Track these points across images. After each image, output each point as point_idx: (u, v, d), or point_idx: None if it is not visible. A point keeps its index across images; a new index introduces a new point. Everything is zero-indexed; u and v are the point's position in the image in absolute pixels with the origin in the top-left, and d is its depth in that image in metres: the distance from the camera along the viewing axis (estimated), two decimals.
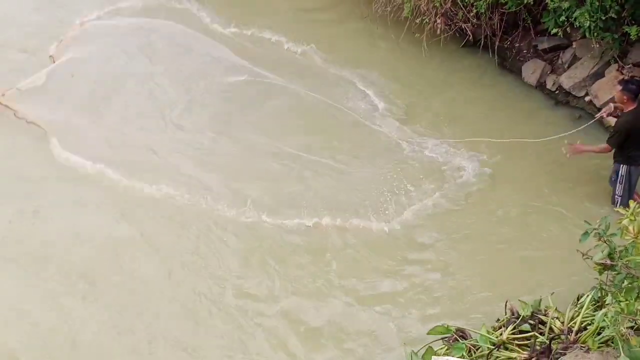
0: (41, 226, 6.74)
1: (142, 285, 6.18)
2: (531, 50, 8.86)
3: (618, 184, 6.72)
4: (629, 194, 6.66)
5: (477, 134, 7.71)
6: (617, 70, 7.93)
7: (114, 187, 7.14)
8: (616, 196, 6.74)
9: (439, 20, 8.79)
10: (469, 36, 8.89)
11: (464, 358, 5.02)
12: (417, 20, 8.84)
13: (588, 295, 5.26)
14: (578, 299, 5.46)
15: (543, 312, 5.34)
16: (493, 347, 5.02)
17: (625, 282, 4.04)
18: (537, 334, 5.06)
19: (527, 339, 5.08)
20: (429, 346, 5.18)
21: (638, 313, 3.93)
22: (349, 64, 9.09)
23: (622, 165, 6.65)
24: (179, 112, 8.17)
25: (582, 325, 4.99)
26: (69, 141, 7.64)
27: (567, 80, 8.31)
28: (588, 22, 7.50)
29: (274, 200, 7.02)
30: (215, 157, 7.59)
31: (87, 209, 6.95)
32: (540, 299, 5.47)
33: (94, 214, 6.90)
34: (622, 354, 3.96)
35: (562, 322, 5.09)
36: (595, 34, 7.65)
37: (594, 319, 4.83)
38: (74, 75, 8.59)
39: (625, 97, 6.49)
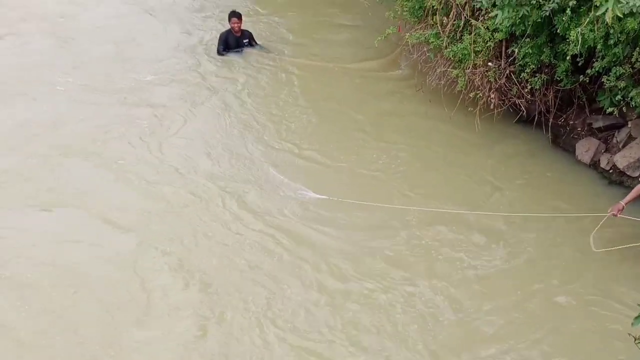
0: None
1: None
2: (585, 128, 8.82)
3: None
4: None
5: (526, 211, 7.73)
6: None
7: None
8: None
9: (492, 95, 8.83)
10: (523, 112, 8.89)
11: None
12: (471, 95, 8.89)
13: None
14: None
15: None
16: None
17: None
18: None
19: None
20: None
21: None
22: (398, 133, 9.22)
23: None
24: None
25: None
26: None
27: (622, 159, 8.22)
28: None
29: None
30: None
31: None
32: None
33: None
34: None
35: None
36: None
37: None
38: None
39: None
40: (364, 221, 7.68)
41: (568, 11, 7.31)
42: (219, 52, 11.03)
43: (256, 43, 11.16)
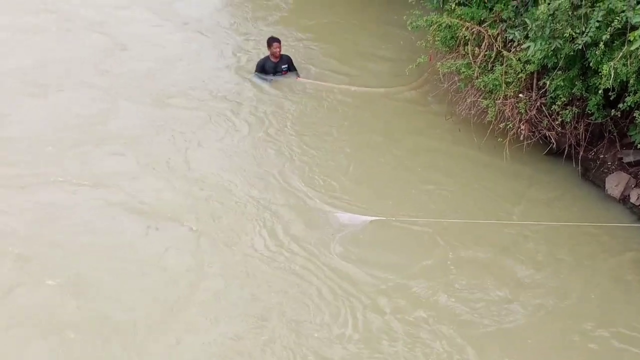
0: None
1: None
2: (616, 163, 8.77)
3: None
4: None
5: (555, 248, 7.73)
6: None
7: None
8: None
9: (522, 127, 8.81)
10: (553, 144, 8.87)
11: None
12: (501, 125, 8.88)
13: None
14: None
15: None
16: None
17: None
18: None
19: None
20: None
21: None
22: (427, 165, 9.24)
23: None
24: None
25: None
26: None
27: None
28: None
29: None
30: None
31: None
32: None
33: None
34: None
35: None
36: None
37: None
38: None
39: None
40: (399, 254, 7.70)
41: (601, 45, 7.30)
42: (254, 76, 11.15)
43: (294, 68, 11.25)
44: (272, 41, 11.09)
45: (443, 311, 6.96)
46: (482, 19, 9.06)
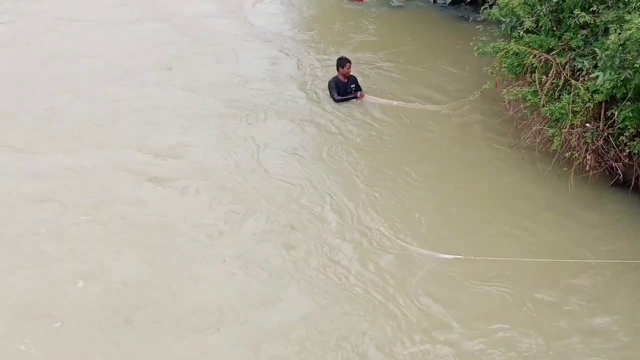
0: None
1: None
2: None
3: None
4: None
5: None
6: None
7: None
8: None
9: (588, 157, 8.68)
10: (620, 175, 8.70)
11: None
12: (566, 154, 8.77)
13: None
14: None
15: None
16: None
17: None
18: None
19: None
20: None
21: None
22: (492, 192, 9.18)
23: None
24: None
25: None
26: None
27: None
28: None
29: None
30: None
31: None
32: None
33: None
34: None
35: None
36: None
37: None
38: None
39: None
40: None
41: None
42: (335, 99, 11.17)
43: (360, 88, 11.36)
44: (344, 61, 11.25)
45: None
46: (551, 47, 9.01)
